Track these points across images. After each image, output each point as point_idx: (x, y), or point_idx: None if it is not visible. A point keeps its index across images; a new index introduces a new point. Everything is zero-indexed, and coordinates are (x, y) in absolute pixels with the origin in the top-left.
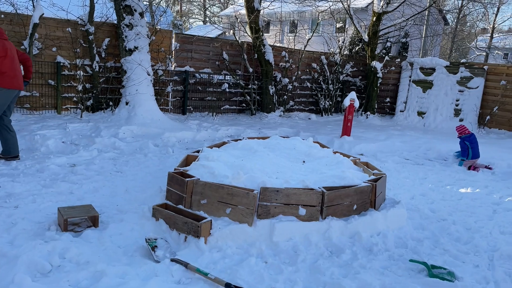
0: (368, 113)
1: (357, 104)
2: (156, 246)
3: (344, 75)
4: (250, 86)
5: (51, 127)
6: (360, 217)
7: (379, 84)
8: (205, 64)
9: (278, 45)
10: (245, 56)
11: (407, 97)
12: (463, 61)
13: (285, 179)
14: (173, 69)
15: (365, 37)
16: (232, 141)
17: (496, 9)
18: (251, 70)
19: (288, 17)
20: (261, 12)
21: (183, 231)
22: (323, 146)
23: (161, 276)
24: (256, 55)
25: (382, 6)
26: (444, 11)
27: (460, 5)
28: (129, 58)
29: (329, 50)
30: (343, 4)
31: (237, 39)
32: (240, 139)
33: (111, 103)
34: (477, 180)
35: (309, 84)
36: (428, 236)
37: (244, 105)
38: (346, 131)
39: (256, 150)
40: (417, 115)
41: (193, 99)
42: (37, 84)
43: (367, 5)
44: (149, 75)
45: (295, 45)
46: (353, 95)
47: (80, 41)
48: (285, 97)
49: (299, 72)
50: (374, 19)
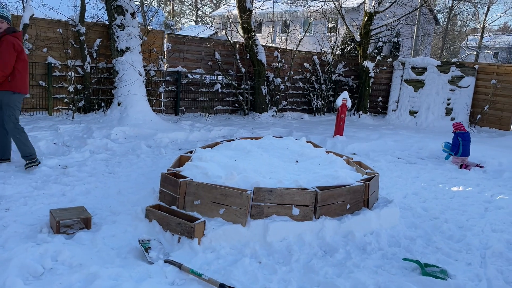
0: (361, 112)
1: (349, 103)
2: (149, 248)
3: (337, 74)
4: (242, 86)
5: (42, 128)
6: (353, 217)
7: (371, 84)
8: (197, 65)
9: (271, 45)
10: (238, 56)
11: (399, 96)
12: (454, 60)
13: (278, 179)
14: (165, 69)
15: (357, 37)
16: (225, 142)
17: (486, 8)
18: (243, 70)
19: (280, 17)
20: (253, 12)
21: (177, 232)
22: (316, 145)
23: (155, 278)
24: (249, 55)
25: (374, 6)
26: (435, 11)
27: (450, 5)
28: (121, 59)
29: (321, 50)
30: (334, 4)
31: (230, 39)
32: (233, 140)
33: (103, 104)
34: (468, 179)
35: (301, 84)
36: (421, 235)
37: (236, 105)
38: (339, 130)
39: (249, 150)
40: (409, 114)
41: (185, 99)
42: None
43: (359, 5)
44: (141, 75)
45: (287, 45)
46: (345, 94)
47: (71, 42)
48: (278, 97)
49: (292, 72)
50: (366, 19)
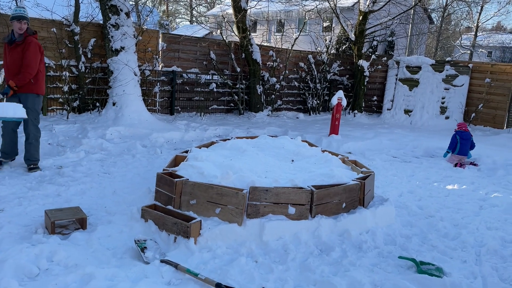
0: (356, 111)
1: (344, 102)
2: (145, 248)
3: (332, 74)
4: (237, 86)
5: None
6: (349, 215)
7: (366, 83)
8: (192, 64)
9: (266, 44)
10: (233, 56)
11: (393, 95)
12: (448, 59)
13: (274, 178)
14: (160, 69)
15: (352, 36)
16: (221, 141)
17: (479, 7)
18: (238, 69)
19: (275, 16)
20: (248, 11)
21: (173, 231)
22: (311, 145)
23: (151, 278)
24: (244, 54)
25: (368, 5)
26: (429, 10)
27: (444, 4)
28: (115, 59)
29: (316, 49)
30: (329, 3)
31: (224, 38)
32: (229, 139)
33: (97, 104)
34: (463, 177)
35: (296, 83)
36: (417, 233)
37: (232, 104)
38: (334, 129)
39: (245, 149)
40: (404, 113)
41: (180, 99)
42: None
43: (354, 4)
44: (136, 75)
45: (282, 44)
46: (340, 94)
47: (66, 42)
48: (273, 96)
49: (287, 71)
50: (361, 18)
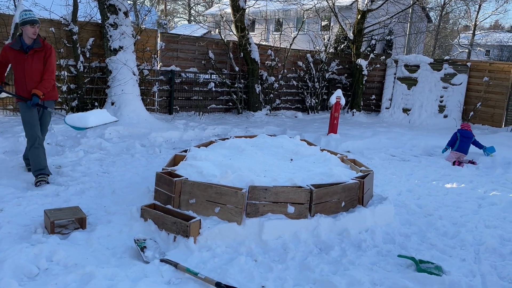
0: (354, 110)
1: (343, 101)
2: (145, 247)
3: (330, 73)
4: (236, 85)
5: None
6: (348, 214)
7: (364, 82)
8: (191, 64)
9: (264, 43)
10: (231, 55)
11: (392, 94)
12: (446, 58)
13: (273, 177)
14: (158, 68)
15: (350, 35)
16: (220, 140)
17: (477, 6)
18: (237, 69)
19: (274, 15)
20: (247, 10)
21: (172, 231)
22: (310, 144)
23: (151, 277)
24: (242, 54)
25: (367, 4)
26: (427, 9)
27: (442, 3)
28: (114, 58)
29: (314, 48)
30: (328, 2)
31: (223, 38)
32: (228, 138)
33: (96, 104)
34: (462, 175)
35: (295, 82)
36: (416, 232)
37: (230, 104)
38: (333, 128)
39: (244, 149)
40: (402, 112)
41: (179, 98)
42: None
43: (352, 3)
44: (134, 75)
45: (280, 43)
46: (339, 92)
47: (64, 41)
48: (272, 95)
49: (285, 71)
50: (359, 17)
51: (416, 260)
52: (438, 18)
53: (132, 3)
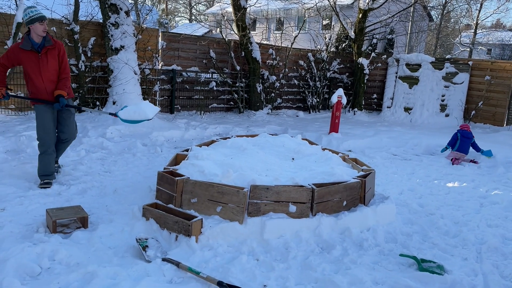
0: (356, 109)
1: (344, 100)
2: (147, 246)
3: (331, 72)
4: (237, 84)
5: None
6: (350, 213)
7: (366, 81)
8: (192, 63)
9: (265, 42)
10: (232, 54)
11: (393, 93)
12: (448, 57)
13: (274, 176)
14: (160, 68)
15: (352, 34)
16: (221, 140)
17: (479, 5)
18: (238, 68)
19: (275, 14)
20: (248, 9)
21: (174, 230)
22: (311, 143)
23: (152, 276)
24: (243, 53)
25: (368, 3)
26: (428, 8)
27: (444, 2)
28: (115, 57)
29: (316, 47)
30: (329, 1)
31: (224, 37)
32: (229, 137)
33: (98, 103)
34: (463, 174)
35: (296, 82)
36: (417, 231)
37: (232, 103)
38: (334, 127)
39: (245, 148)
40: (404, 111)
41: (180, 98)
42: (21, 84)
43: (353, 2)
44: (136, 74)
45: (282, 42)
46: (340, 91)
47: (65, 41)
48: (273, 94)
49: (286, 70)
50: (360, 16)
51: (418, 259)
52: (440, 16)
53: (133, 2)
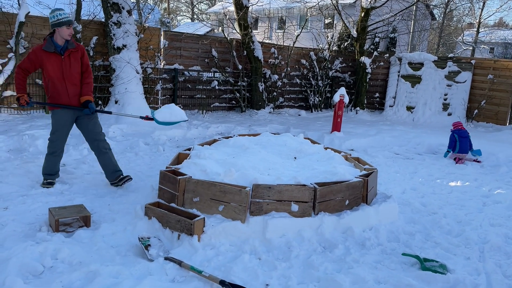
0: (358, 108)
1: (346, 99)
2: (149, 245)
3: (333, 71)
4: (239, 83)
5: (39, 127)
6: (352, 212)
7: (368, 80)
8: (194, 62)
9: (267, 41)
10: (234, 53)
11: (396, 92)
12: (450, 55)
13: (277, 175)
14: (162, 67)
15: (354, 32)
16: (223, 139)
17: (482, 4)
18: (240, 67)
19: (277, 13)
20: (250, 8)
21: (176, 229)
22: (314, 142)
23: (155, 275)
24: (245, 52)
25: (370, 2)
26: (431, 6)
27: (446, 0)
28: (117, 57)
29: (318, 46)
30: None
31: (226, 36)
32: (231, 137)
33: (100, 102)
34: (466, 174)
35: (298, 81)
36: (420, 230)
37: (234, 102)
38: (336, 126)
39: (247, 147)
40: (406, 110)
41: (182, 97)
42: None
43: (355, 1)
44: (138, 73)
45: (284, 41)
46: (342, 90)
47: None
48: (275, 93)
49: (289, 69)
50: (363, 14)
51: (420, 258)
52: (442, 15)
53: (135, 1)
